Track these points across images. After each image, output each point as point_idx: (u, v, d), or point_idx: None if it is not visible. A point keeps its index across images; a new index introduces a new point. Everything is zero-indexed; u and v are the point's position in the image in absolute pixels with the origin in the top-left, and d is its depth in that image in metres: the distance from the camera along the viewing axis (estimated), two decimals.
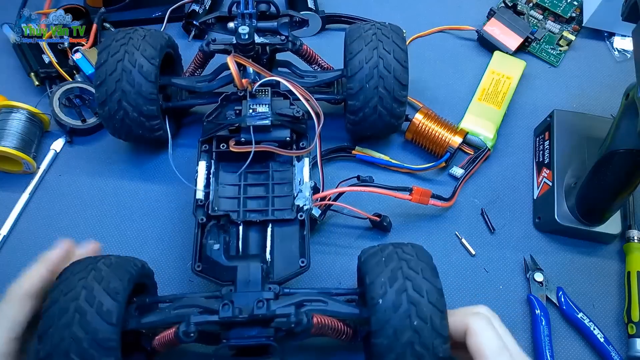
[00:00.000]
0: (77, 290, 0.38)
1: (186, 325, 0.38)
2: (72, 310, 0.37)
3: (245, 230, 0.49)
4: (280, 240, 0.48)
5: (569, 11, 0.70)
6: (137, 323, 0.40)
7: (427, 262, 0.40)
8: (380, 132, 0.57)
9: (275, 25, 0.54)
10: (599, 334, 0.49)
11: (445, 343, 0.37)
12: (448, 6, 0.71)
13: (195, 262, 0.46)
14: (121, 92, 0.50)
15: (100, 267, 0.40)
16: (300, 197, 0.49)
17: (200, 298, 0.42)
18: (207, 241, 0.46)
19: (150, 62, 0.51)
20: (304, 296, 0.41)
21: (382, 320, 0.37)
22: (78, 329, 0.36)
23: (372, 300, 0.38)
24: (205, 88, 0.55)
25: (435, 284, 0.39)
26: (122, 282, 0.39)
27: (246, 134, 0.50)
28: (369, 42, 0.52)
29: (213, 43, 0.55)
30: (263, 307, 0.39)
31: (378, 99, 0.52)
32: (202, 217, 0.48)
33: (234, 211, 0.49)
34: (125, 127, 0.52)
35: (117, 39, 0.52)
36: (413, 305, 0.37)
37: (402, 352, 0.37)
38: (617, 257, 0.54)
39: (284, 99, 0.53)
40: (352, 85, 0.52)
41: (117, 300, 0.38)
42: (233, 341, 0.39)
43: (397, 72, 0.52)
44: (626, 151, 0.45)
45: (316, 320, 0.39)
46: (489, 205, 0.57)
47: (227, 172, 0.52)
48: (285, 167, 0.52)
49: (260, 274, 0.42)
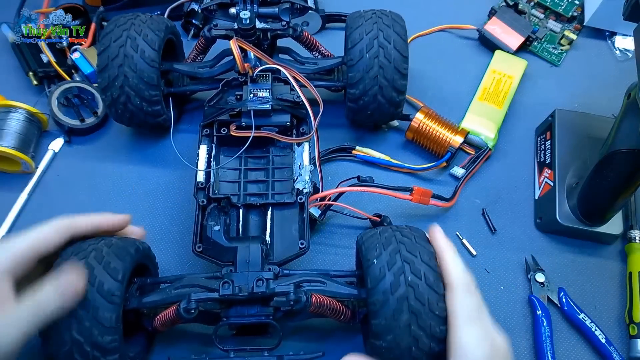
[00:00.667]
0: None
1: (187, 302, 0.39)
2: None
3: (245, 213, 0.49)
4: (280, 223, 0.49)
5: (570, 10, 0.69)
6: (138, 302, 0.41)
7: (425, 245, 0.41)
8: (380, 119, 0.57)
9: (276, 11, 0.54)
10: (600, 334, 0.49)
11: (442, 324, 0.38)
12: (449, 5, 0.71)
13: (196, 243, 0.46)
14: (123, 77, 0.51)
15: (101, 248, 0.40)
16: (300, 180, 0.49)
17: (200, 278, 0.43)
18: (208, 223, 0.47)
19: (152, 48, 0.51)
20: (303, 276, 0.43)
21: (380, 302, 0.38)
22: (79, 308, 0.37)
23: (371, 282, 0.39)
24: (207, 74, 0.55)
25: (432, 267, 0.39)
26: (123, 263, 0.40)
27: (247, 118, 0.50)
28: (370, 31, 0.52)
29: (215, 28, 0.55)
30: (262, 286, 0.40)
31: (378, 88, 0.52)
32: (203, 200, 0.48)
33: (235, 194, 0.49)
34: (127, 112, 0.53)
35: (119, 24, 0.52)
36: (411, 287, 0.38)
37: (400, 333, 0.38)
38: (619, 258, 0.54)
39: (284, 84, 0.53)
40: (352, 75, 0.52)
41: (118, 280, 0.39)
42: (233, 319, 0.41)
43: (398, 62, 0.52)
44: (628, 151, 0.44)
45: (315, 300, 0.40)
46: (490, 206, 0.57)
47: (228, 156, 0.52)
48: (285, 152, 0.53)
49: (260, 254, 0.43)
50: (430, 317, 0.38)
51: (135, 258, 0.42)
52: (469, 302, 0.38)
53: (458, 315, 0.38)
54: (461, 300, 0.38)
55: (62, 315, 0.37)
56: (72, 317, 0.37)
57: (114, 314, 0.38)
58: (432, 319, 0.38)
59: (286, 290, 0.40)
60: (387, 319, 0.38)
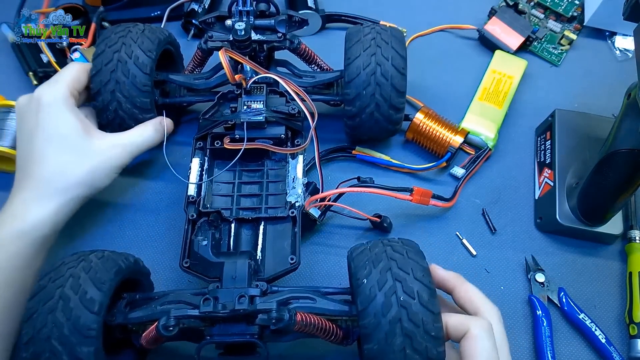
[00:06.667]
0: (64, 277, 0.39)
1: (166, 319, 0.38)
2: (56, 297, 0.37)
3: (237, 228, 0.48)
4: (272, 238, 0.48)
5: (570, 10, 0.69)
6: (124, 318, 0.40)
7: (418, 261, 0.39)
8: (378, 136, 0.57)
9: (272, 23, 0.54)
10: (600, 334, 0.49)
11: (439, 346, 0.36)
12: (449, 5, 0.71)
13: (184, 258, 0.45)
14: (115, 82, 0.50)
15: (91, 259, 0.40)
16: (292, 193, 0.48)
17: (186, 294, 0.41)
18: (196, 237, 0.46)
19: (147, 55, 0.51)
20: (291, 293, 0.41)
21: (372, 325, 0.36)
22: (60, 315, 0.37)
23: (361, 304, 0.37)
24: (202, 85, 0.55)
25: (426, 284, 0.37)
26: (109, 273, 0.39)
27: (240, 131, 0.50)
28: (368, 48, 0.51)
29: (210, 40, 0.55)
30: (244, 302, 0.38)
31: (375, 106, 0.52)
32: (193, 214, 0.47)
33: (227, 209, 0.49)
34: (118, 118, 0.52)
35: (116, 31, 0.52)
36: (404, 308, 0.36)
37: (394, 358, 0.36)
38: (619, 258, 0.54)
39: (280, 96, 0.53)
40: (349, 92, 0.52)
41: (102, 290, 0.38)
42: (216, 337, 0.39)
43: (395, 80, 0.51)
44: (628, 151, 0.44)
45: (300, 318, 0.38)
46: (490, 206, 0.57)
47: (221, 169, 0.51)
48: (280, 165, 0.52)
49: (247, 270, 0.42)
50: (425, 339, 0.35)
51: (125, 271, 0.41)
52: (488, 347, 0.37)
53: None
54: (480, 345, 0.37)
55: None
56: (53, 324, 0.36)
57: (95, 324, 0.37)
58: (428, 341, 0.35)
59: (268, 308, 0.38)
60: (380, 343, 0.36)
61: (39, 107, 0.48)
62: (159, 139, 0.52)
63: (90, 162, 0.48)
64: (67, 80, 0.49)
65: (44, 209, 0.45)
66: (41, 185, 0.46)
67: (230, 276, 0.42)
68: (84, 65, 0.51)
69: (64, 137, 0.48)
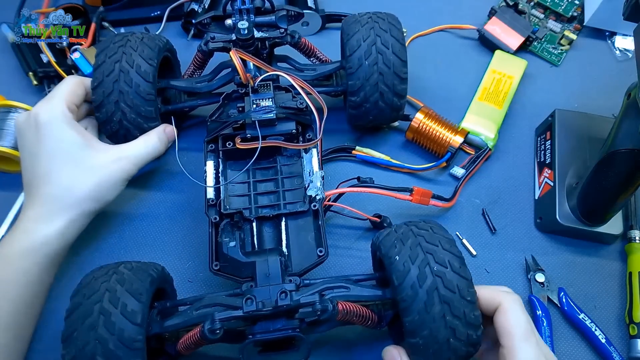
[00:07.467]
0: (100, 292, 0.38)
1: (211, 323, 0.38)
2: (96, 313, 0.37)
3: (259, 226, 0.48)
4: (295, 233, 0.48)
5: (570, 10, 0.69)
6: (160, 327, 0.40)
7: (443, 234, 0.41)
8: (382, 122, 0.58)
9: (273, 19, 0.54)
10: (600, 334, 0.49)
11: (475, 310, 0.38)
12: (449, 5, 0.71)
13: (213, 261, 0.45)
14: (119, 92, 0.50)
15: (122, 271, 0.40)
16: (311, 187, 0.48)
17: (221, 296, 0.42)
18: (223, 239, 0.46)
19: (149, 63, 0.51)
20: (325, 284, 0.41)
21: (410, 297, 0.38)
22: (103, 331, 0.36)
23: (397, 279, 0.38)
24: (205, 88, 0.55)
25: (455, 254, 0.39)
26: (144, 284, 0.40)
27: (252, 130, 0.49)
28: (367, 38, 0.52)
29: (212, 41, 0.55)
30: (286, 298, 0.39)
31: (379, 95, 0.52)
32: (215, 216, 0.47)
33: (246, 208, 0.48)
34: (122, 129, 0.52)
35: (115, 41, 0.52)
36: (438, 277, 0.38)
37: (435, 326, 0.37)
38: (619, 258, 0.54)
39: (285, 92, 0.53)
40: (352, 83, 0.52)
41: (141, 301, 0.38)
42: (259, 336, 0.39)
43: (397, 67, 0.52)
44: (628, 151, 0.44)
45: (341, 307, 0.39)
46: (490, 206, 0.57)
47: (236, 170, 0.51)
48: (292, 160, 0.52)
49: (279, 266, 0.42)
50: (463, 304, 0.37)
51: (157, 280, 0.41)
52: (524, 320, 0.38)
53: (514, 333, 0.38)
54: (516, 318, 0.38)
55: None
56: (96, 341, 0.36)
57: (140, 336, 0.37)
58: (465, 306, 0.37)
59: (312, 301, 0.39)
60: (420, 313, 0.37)
61: (38, 125, 0.48)
62: (163, 148, 0.53)
63: (96, 176, 0.48)
64: (63, 95, 0.49)
65: (53, 225, 0.46)
66: (49, 203, 0.46)
67: (264, 274, 0.42)
68: (80, 79, 0.51)
69: (67, 153, 0.47)
